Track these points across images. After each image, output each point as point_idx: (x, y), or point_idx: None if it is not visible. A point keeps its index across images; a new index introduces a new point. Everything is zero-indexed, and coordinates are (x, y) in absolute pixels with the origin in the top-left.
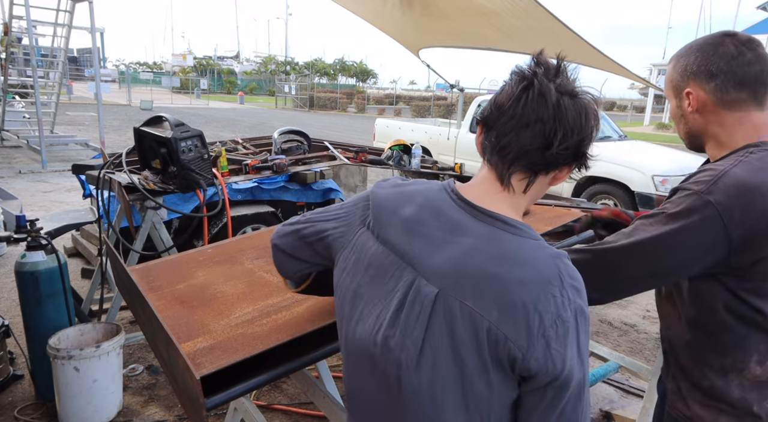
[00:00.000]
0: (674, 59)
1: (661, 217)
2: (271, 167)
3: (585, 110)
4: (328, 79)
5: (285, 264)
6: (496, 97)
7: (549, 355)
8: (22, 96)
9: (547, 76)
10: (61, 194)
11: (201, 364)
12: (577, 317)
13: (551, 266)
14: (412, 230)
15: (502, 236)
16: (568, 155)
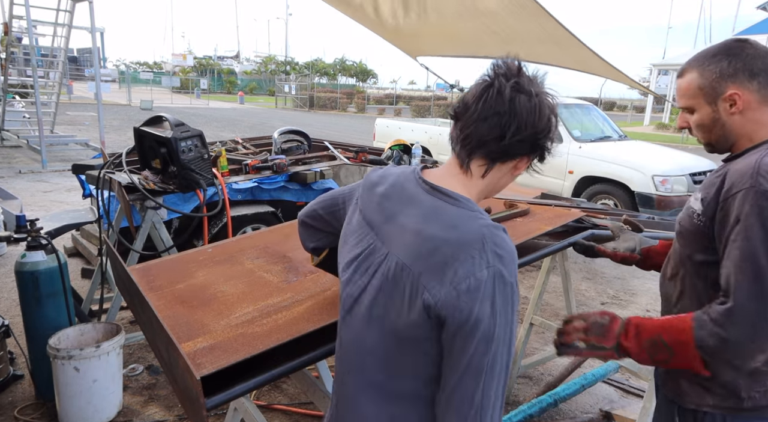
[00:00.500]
0: (695, 70)
1: (742, 226)
2: (271, 167)
3: (539, 108)
4: (328, 79)
5: (304, 235)
6: (464, 95)
7: (457, 305)
8: (22, 96)
9: (506, 77)
10: (61, 194)
11: (201, 364)
12: (495, 279)
13: (476, 232)
14: (381, 204)
15: (443, 207)
16: (524, 146)
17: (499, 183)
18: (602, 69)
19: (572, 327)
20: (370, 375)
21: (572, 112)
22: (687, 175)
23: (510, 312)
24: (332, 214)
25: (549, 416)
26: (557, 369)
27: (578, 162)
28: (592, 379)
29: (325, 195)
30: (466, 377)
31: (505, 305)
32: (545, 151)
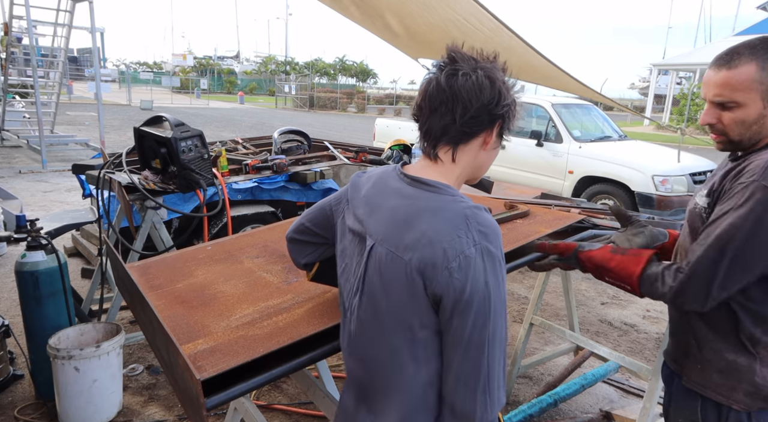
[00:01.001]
0: (755, 61)
1: (731, 211)
2: (271, 166)
3: (478, 82)
4: (328, 79)
5: (294, 252)
6: (416, 97)
7: (451, 283)
8: (22, 96)
9: (441, 70)
10: (61, 194)
11: (202, 367)
12: (483, 255)
13: (459, 214)
14: (368, 203)
15: (425, 195)
16: (479, 121)
17: (476, 162)
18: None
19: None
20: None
21: (572, 112)
22: (687, 175)
23: (501, 284)
24: (320, 225)
25: (549, 416)
26: (557, 369)
27: (578, 162)
28: (592, 379)
29: (310, 209)
30: (470, 351)
31: (496, 278)
32: (506, 118)
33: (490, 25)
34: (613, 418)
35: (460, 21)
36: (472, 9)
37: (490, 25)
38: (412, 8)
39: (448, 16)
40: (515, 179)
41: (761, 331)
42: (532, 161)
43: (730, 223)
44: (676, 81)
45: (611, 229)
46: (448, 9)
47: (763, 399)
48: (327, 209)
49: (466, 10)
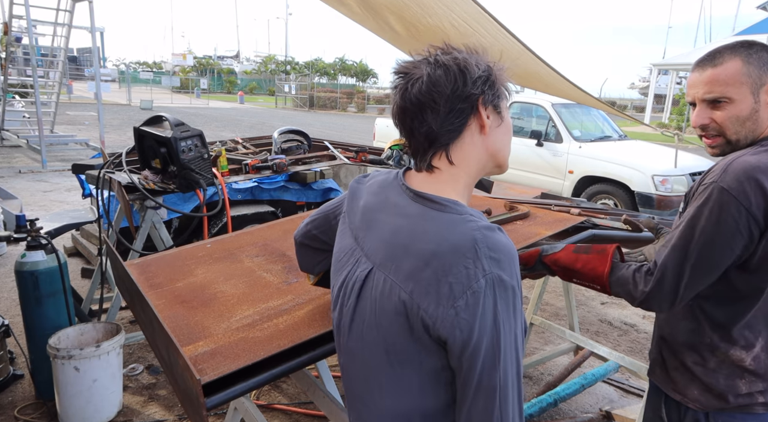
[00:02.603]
0: (740, 56)
1: (693, 213)
2: (271, 166)
3: (431, 80)
4: (328, 78)
5: (303, 257)
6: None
7: (457, 324)
8: (22, 96)
9: (394, 89)
10: (61, 194)
11: (202, 370)
12: (495, 287)
13: (467, 239)
14: (365, 215)
15: (429, 214)
16: (459, 111)
17: (484, 150)
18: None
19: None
20: (380, 404)
21: (572, 112)
22: (687, 175)
23: (513, 316)
24: (325, 232)
25: (549, 416)
26: (557, 368)
27: (578, 162)
28: (592, 379)
29: (316, 212)
30: (480, 395)
31: (507, 311)
32: (486, 91)
33: (489, 27)
34: (613, 418)
35: (458, 22)
36: (471, 10)
37: (490, 28)
38: (412, 8)
39: (447, 17)
40: (515, 179)
41: (718, 337)
42: (532, 160)
43: (691, 225)
44: (676, 81)
45: (611, 229)
46: (447, 10)
47: (717, 398)
48: (330, 216)
49: (466, 11)
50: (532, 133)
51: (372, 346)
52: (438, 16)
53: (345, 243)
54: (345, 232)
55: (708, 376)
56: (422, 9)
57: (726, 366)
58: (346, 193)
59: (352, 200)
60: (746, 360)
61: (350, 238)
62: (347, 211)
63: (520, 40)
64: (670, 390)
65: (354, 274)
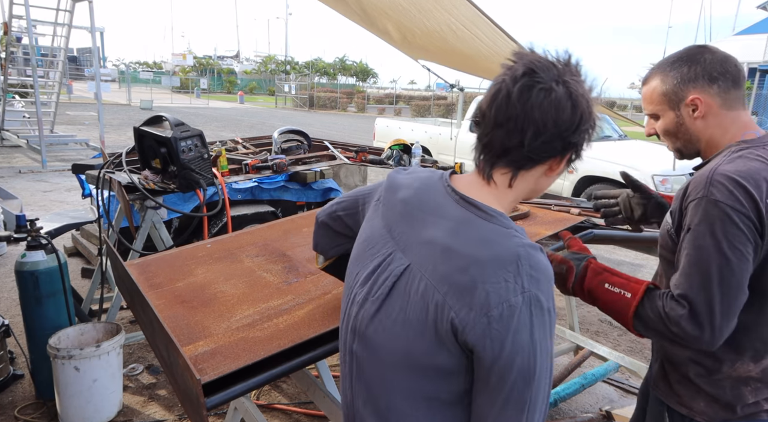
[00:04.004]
0: (658, 75)
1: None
2: (271, 166)
3: (558, 102)
4: (328, 78)
5: (321, 237)
6: (481, 100)
7: (488, 333)
8: (22, 96)
9: (513, 78)
10: (61, 194)
11: (203, 370)
12: (532, 306)
13: (511, 252)
14: (403, 211)
15: (474, 221)
16: (551, 147)
17: (535, 188)
18: None
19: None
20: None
21: None
22: (687, 175)
23: (548, 340)
24: (352, 216)
25: (549, 416)
26: (557, 368)
27: (578, 162)
28: (592, 379)
29: (345, 195)
30: (510, 406)
31: (543, 333)
32: (579, 147)
33: (487, 30)
34: (613, 418)
35: (457, 26)
36: (469, 13)
37: (488, 31)
38: (410, 11)
39: (446, 20)
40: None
41: (723, 350)
42: None
43: (698, 246)
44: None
45: (611, 229)
46: (445, 13)
47: (724, 409)
48: (359, 201)
49: (464, 14)
50: None
51: (393, 341)
52: (436, 19)
53: (375, 233)
54: (375, 221)
55: (713, 387)
56: (421, 13)
57: (731, 377)
58: (382, 181)
59: (389, 192)
60: (753, 371)
61: (382, 229)
62: (383, 201)
63: (518, 43)
64: (676, 404)
65: (387, 267)
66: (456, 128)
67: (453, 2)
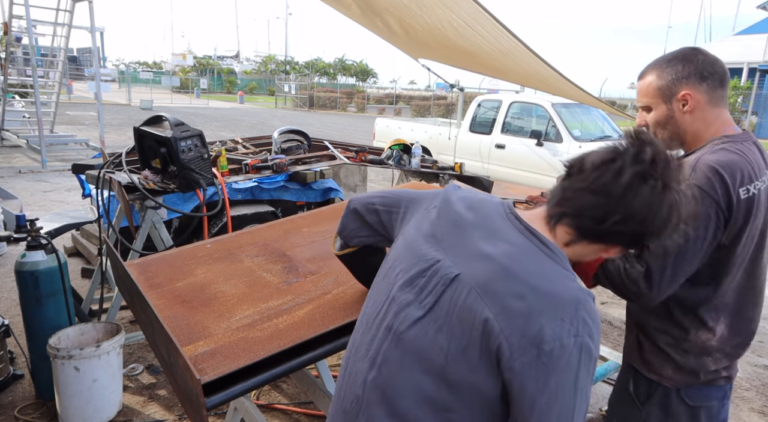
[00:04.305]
0: (654, 71)
1: None
2: (271, 166)
3: (659, 206)
4: (328, 78)
5: (350, 224)
6: (586, 154)
7: (536, 365)
8: (22, 96)
9: (635, 158)
10: (61, 194)
11: (203, 370)
12: (582, 352)
13: (572, 295)
14: (458, 224)
15: (538, 254)
16: (623, 238)
17: (582, 259)
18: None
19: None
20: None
21: (572, 111)
22: None
23: (589, 387)
24: (389, 214)
25: None
26: None
27: None
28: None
29: (387, 191)
30: None
31: (586, 381)
32: (645, 248)
33: (489, 27)
34: None
35: (458, 23)
36: (470, 10)
37: (490, 28)
38: (411, 8)
39: (447, 17)
40: (515, 179)
41: (688, 320)
42: (532, 160)
43: None
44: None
45: None
46: (446, 10)
47: (689, 375)
48: (403, 204)
49: (465, 11)
50: (532, 133)
51: (433, 348)
52: (437, 16)
53: (420, 238)
54: (423, 227)
55: (681, 356)
56: (422, 9)
57: (696, 346)
58: (432, 193)
59: (445, 203)
60: (712, 340)
61: (430, 236)
62: (437, 212)
63: (520, 40)
64: (647, 371)
65: (437, 274)
66: (456, 128)
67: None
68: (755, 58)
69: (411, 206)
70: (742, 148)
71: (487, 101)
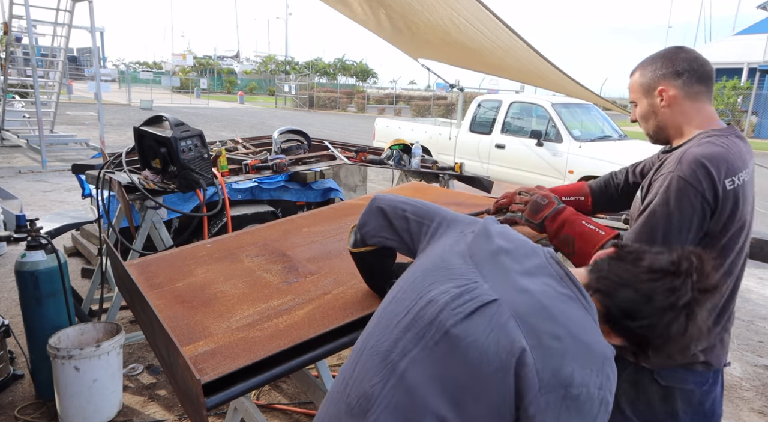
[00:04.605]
0: (639, 69)
1: (655, 201)
2: (271, 166)
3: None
4: (328, 78)
5: (372, 222)
6: (648, 251)
7: (562, 405)
8: (22, 96)
9: (693, 286)
10: (61, 194)
11: (203, 370)
12: (602, 405)
13: (601, 349)
14: (496, 255)
15: (574, 300)
16: (634, 337)
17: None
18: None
19: (519, 199)
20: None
21: (572, 111)
22: None
23: None
24: (419, 225)
25: None
26: None
27: (578, 162)
28: None
29: (418, 201)
30: None
31: None
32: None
33: (490, 24)
34: None
35: (459, 20)
36: (472, 8)
37: (491, 26)
38: (413, 5)
39: (448, 14)
40: (515, 179)
41: None
42: (532, 160)
43: (653, 211)
44: None
45: None
46: (448, 8)
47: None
48: (436, 220)
49: (467, 9)
50: (532, 133)
51: (456, 362)
52: (439, 13)
53: (455, 256)
54: (458, 248)
55: None
56: (423, 7)
57: None
58: (470, 218)
59: (484, 233)
60: None
61: (468, 258)
62: (476, 236)
63: (521, 38)
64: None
65: (473, 291)
66: (456, 128)
67: None
68: (755, 58)
69: (444, 223)
70: (726, 141)
71: (487, 101)
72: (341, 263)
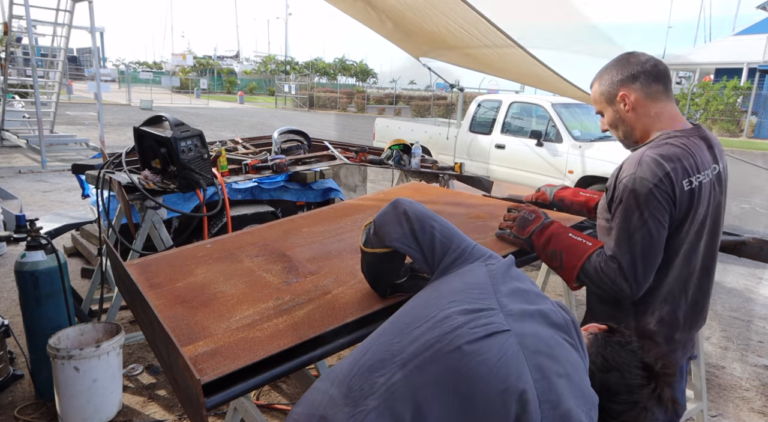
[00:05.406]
0: (596, 81)
1: (622, 206)
2: (271, 166)
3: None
4: (328, 78)
5: (394, 225)
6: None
7: None
8: (22, 96)
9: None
10: (61, 194)
11: (202, 370)
12: None
13: (593, 396)
14: (515, 292)
15: (574, 347)
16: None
17: None
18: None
19: (508, 216)
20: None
21: (572, 112)
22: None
23: None
24: (443, 246)
25: None
26: None
27: (578, 162)
28: None
29: (446, 223)
30: None
31: None
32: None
33: (485, 30)
34: None
35: (455, 28)
36: (467, 16)
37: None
38: (408, 15)
39: (443, 23)
40: (515, 179)
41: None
42: (531, 160)
43: (625, 217)
44: (675, 81)
45: None
46: (442, 16)
47: None
48: (460, 247)
49: (462, 17)
50: (532, 133)
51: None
52: (434, 22)
53: (476, 284)
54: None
55: None
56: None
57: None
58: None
59: (505, 269)
60: (651, 322)
61: (489, 287)
62: (497, 269)
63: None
64: None
65: (490, 317)
66: (456, 128)
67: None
68: (755, 59)
69: (468, 251)
70: (687, 142)
71: (487, 101)
72: (341, 263)
